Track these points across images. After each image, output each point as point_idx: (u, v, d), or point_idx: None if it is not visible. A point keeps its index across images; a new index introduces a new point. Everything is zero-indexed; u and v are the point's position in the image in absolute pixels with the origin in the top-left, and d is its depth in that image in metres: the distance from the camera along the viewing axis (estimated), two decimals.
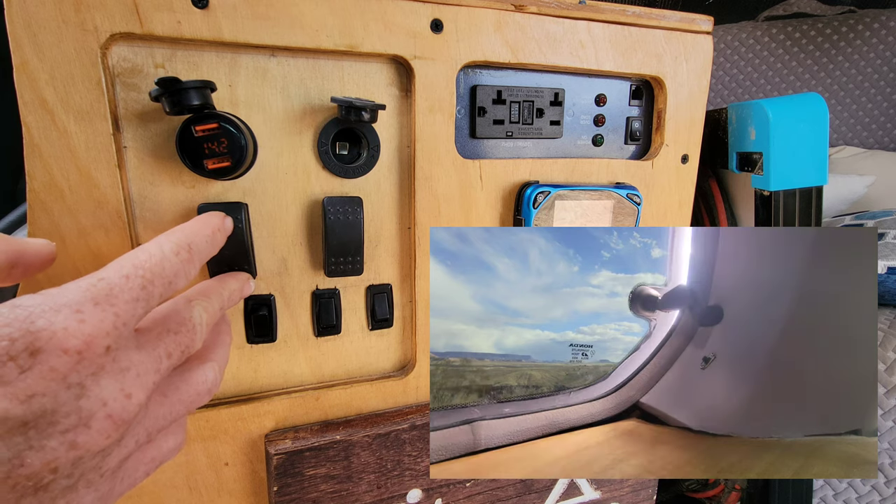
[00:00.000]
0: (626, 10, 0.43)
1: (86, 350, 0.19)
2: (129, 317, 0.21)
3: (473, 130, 0.42)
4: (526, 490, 0.49)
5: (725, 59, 1.78)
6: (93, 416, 0.20)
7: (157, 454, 0.26)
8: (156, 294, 0.23)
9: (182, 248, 0.25)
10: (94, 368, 0.20)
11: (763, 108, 0.46)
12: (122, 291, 0.21)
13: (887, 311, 0.82)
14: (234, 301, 0.32)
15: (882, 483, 0.75)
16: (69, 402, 0.19)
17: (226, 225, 0.31)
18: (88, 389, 0.20)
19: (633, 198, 0.45)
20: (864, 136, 1.71)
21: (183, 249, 0.25)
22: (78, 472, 0.20)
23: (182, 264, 0.25)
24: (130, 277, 0.22)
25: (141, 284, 0.22)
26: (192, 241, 0.26)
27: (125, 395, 0.21)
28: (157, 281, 0.23)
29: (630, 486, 0.53)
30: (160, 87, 0.30)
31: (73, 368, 0.19)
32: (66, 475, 0.20)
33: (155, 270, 0.23)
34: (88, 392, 0.19)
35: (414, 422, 0.42)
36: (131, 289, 0.22)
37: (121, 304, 0.21)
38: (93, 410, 0.20)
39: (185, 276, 0.25)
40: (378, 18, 0.36)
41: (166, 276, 0.24)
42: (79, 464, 0.20)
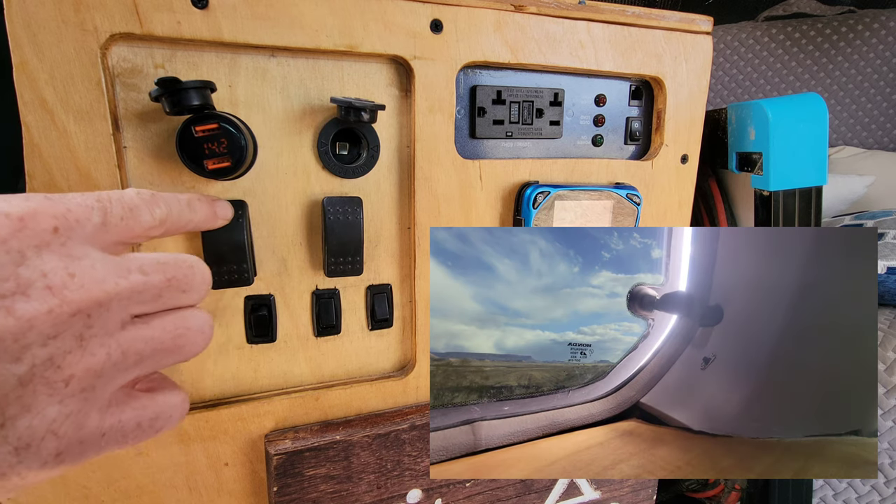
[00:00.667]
0: (626, 11, 0.43)
1: (29, 219, 0.19)
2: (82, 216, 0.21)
3: (473, 130, 0.42)
4: (526, 490, 0.49)
5: (725, 59, 1.78)
6: (31, 285, 0.19)
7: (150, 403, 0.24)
8: (114, 212, 0.23)
9: (144, 192, 0.26)
10: (38, 242, 0.20)
11: (763, 109, 0.46)
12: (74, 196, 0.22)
13: (887, 311, 0.82)
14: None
15: (882, 483, 0.75)
16: (6, 265, 0.19)
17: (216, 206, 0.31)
18: (29, 259, 0.19)
19: (633, 198, 0.45)
20: (864, 136, 1.71)
21: (145, 193, 0.26)
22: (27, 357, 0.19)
23: (143, 201, 0.25)
24: (85, 195, 0.23)
25: (96, 198, 0.23)
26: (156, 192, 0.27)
27: (68, 273, 0.20)
28: (115, 201, 0.23)
29: (630, 486, 0.53)
30: (160, 88, 0.30)
31: (14, 234, 0.19)
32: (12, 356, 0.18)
33: (112, 195, 0.24)
34: (28, 262, 0.19)
35: (414, 422, 0.42)
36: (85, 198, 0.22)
37: (73, 205, 0.21)
38: (32, 279, 0.19)
39: (148, 212, 0.25)
40: (378, 18, 0.36)
41: (125, 202, 0.24)
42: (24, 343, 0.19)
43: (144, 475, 0.37)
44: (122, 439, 0.23)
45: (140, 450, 0.37)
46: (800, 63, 1.72)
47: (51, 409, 0.20)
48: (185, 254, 0.26)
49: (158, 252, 0.26)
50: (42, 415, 0.19)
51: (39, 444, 0.19)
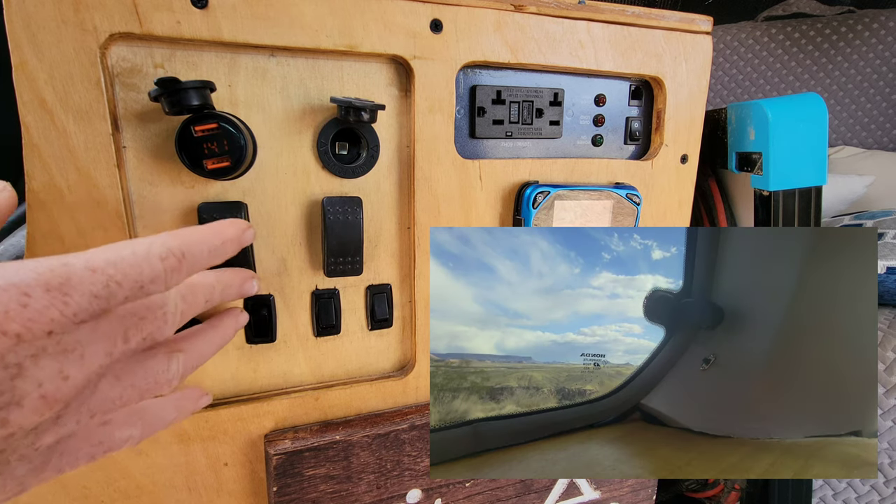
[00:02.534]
0: (626, 11, 0.43)
1: (25, 333, 0.19)
2: (80, 309, 0.20)
3: (473, 130, 0.42)
4: (526, 490, 0.49)
5: (725, 59, 1.78)
6: (26, 396, 0.19)
7: (105, 439, 0.25)
8: (120, 295, 0.22)
9: (173, 253, 0.24)
10: (34, 350, 0.19)
11: (762, 109, 0.46)
12: (80, 283, 0.20)
13: (887, 310, 0.82)
14: (228, 297, 0.31)
15: (881, 483, 0.75)
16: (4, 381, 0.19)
17: (244, 237, 0.29)
18: (25, 370, 0.19)
19: (633, 198, 0.45)
20: (864, 136, 1.71)
21: (173, 256, 0.24)
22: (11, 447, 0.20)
23: (165, 272, 0.23)
24: (97, 272, 0.21)
25: (105, 282, 0.21)
26: (189, 249, 0.25)
27: (62, 376, 0.20)
28: (126, 283, 0.22)
29: (630, 486, 0.53)
30: (159, 87, 0.30)
31: (11, 349, 0.19)
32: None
33: (128, 272, 0.22)
34: (25, 372, 0.19)
35: (413, 422, 0.42)
36: (92, 283, 0.21)
37: (74, 296, 0.20)
38: (27, 390, 0.19)
39: (163, 283, 0.24)
40: (378, 18, 0.36)
41: (140, 279, 0.22)
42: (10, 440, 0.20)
43: (144, 475, 0.37)
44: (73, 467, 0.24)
45: (140, 450, 0.37)
46: (799, 63, 1.72)
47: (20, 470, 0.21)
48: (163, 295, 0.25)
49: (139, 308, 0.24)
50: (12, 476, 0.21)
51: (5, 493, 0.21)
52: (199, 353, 0.29)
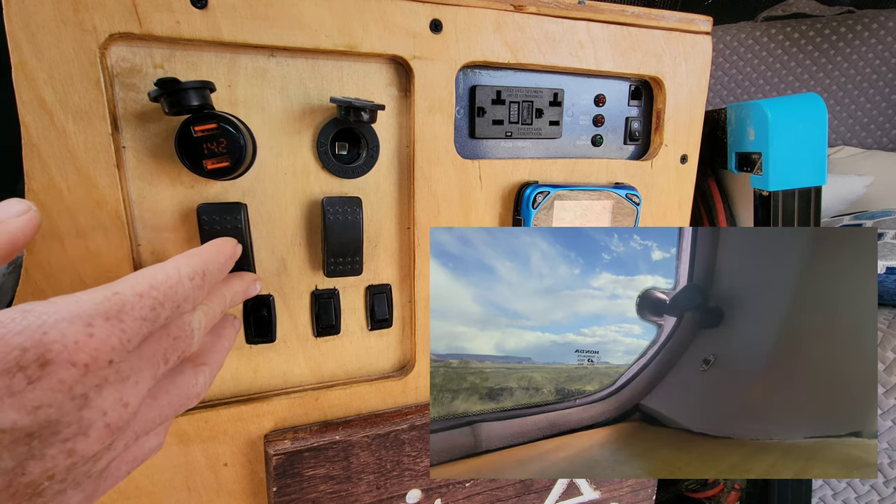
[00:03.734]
0: (626, 11, 0.43)
1: (92, 364, 0.20)
2: (134, 334, 0.22)
3: (473, 130, 0.42)
4: (525, 490, 0.49)
5: (724, 59, 1.78)
6: (92, 426, 0.20)
7: (139, 453, 0.26)
8: (163, 316, 0.23)
9: (198, 273, 0.26)
10: (98, 381, 0.20)
11: (762, 109, 0.46)
12: (132, 309, 0.22)
13: (886, 310, 0.82)
14: (237, 302, 0.33)
15: (881, 483, 0.75)
16: (72, 412, 0.19)
17: (236, 252, 0.32)
18: (91, 400, 0.20)
19: (633, 198, 0.45)
20: (863, 136, 1.71)
21: (198, 276, 0.26)
22: (71, 477, 0.20)
23: (194, 290, 0.25)
24: (144, 296, 0.22)
25: (152, 305, 0.23)
26: (207, 267, 0.27)
27: (123, 404, 0.21)
28: (168, 304, 0.24)
29: (629, 486, 0.53)
30: (159, 88, 0.30)
31: (79, 381, 0.19)
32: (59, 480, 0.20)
33: (168, 293, 0.24)
34: (91, 403, 0.20)
35: (413, 422, 0.42)
36: (142, 307, 0.22)
37: (129, 322, 0.21)
38: (93, 420, 0.20)
39: (193, 302, 0.25)
40: (377, 18, 0.35)
41: (177, 299, 0.24)
42: (73, 469, 0.20)
43: (143, 476, 0.37)
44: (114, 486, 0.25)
45: None
46: (799, 63, 1.72)
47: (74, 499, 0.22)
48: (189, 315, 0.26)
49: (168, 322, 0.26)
50: None
51: None
52: (216, 363, 0.30)
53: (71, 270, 0.32)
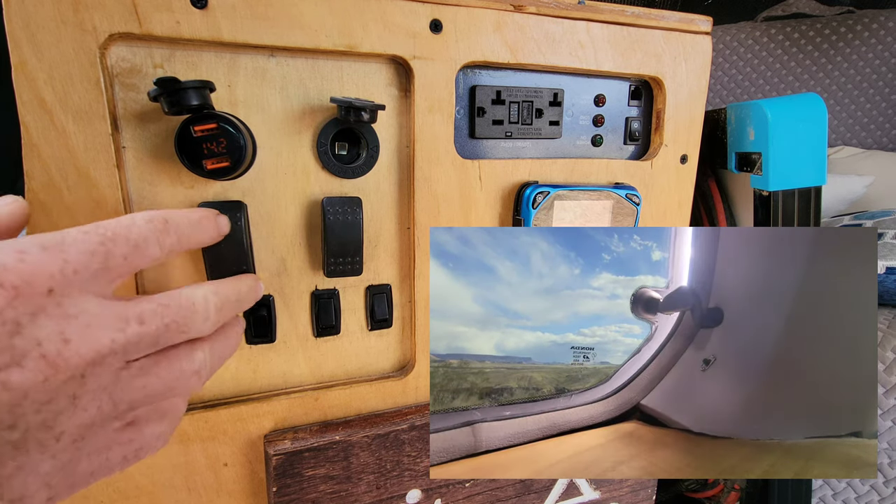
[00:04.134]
0: (626, 11, 0.43)
1: (23, 287, 0.19)
2: (80, 266, 0.21)
3: (473, 131, 0.42)
4: (525, 490, 0.49)
5: (724, 59, 1.78)
6: (26, 355, 0.19)
7: (136, 437, 0.24)
8: (117, 252, 0.22)
9: (156, 218, 0.25)
10: (33, 308, 0.19)
11: (762, 109, 0.46)
12: (75, 242, 0.21)
13: (886, 311, 0.82)
14: (250, 300, 0.32)
15: (881, 483, 0.75)
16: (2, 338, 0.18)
17: (219, 221, 0.31)
18: (23, 328, 0.19)
19: (633, 198, 0.45)
20: (863, 136, 1.72)
21: (157, 220, 0.25)
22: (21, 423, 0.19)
23: (153, 231, 0.24)
24: (89, 233, 0.22)
25: (99, 240, 0.22)
26: (168, 216, 0.26)
27: (63, 339, 0.20)
28: (120, 240, 0.22)
29: (629, 486, 0.53)
30: (159, 88, 0.30)
31: (9, 304, 0.19)
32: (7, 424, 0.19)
33: (118, 231, 0.23)
34: (24, 330, 0.19)
35: (413, 422, 0.42)
36: (87, 241, 0.21)
37: (72, 253, 0.21)
38: (26, 349, 0.19)
39: (156, 242, 0.24)
40: (377, 18, 0.35)
41: (131, 237, 0.23)
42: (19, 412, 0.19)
43: (143, 476, 0.37)
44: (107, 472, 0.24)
45: None
46: (799, 63, 1.72)
47: (44, 465, 0.20)
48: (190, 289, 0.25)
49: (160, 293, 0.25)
50: (36, 471, 0.20)
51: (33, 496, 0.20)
52: (221, 349, 0.29)
53: None
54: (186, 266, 0.36)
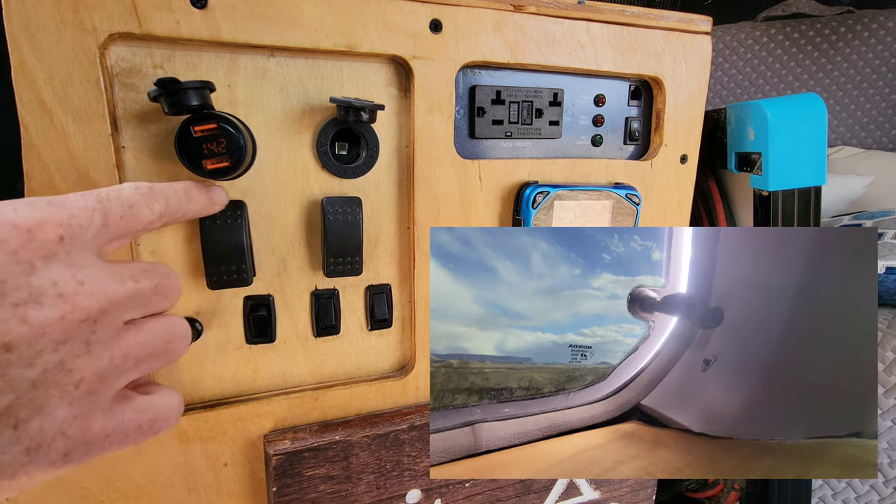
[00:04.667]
0: (625, 11, 0.43)
1: (36, 230, 0.20)
2: (84, 221, 0.22)
3: (472, 130, 0.42)
4: (525, 490, 0.49)
5: (724, 59, 1.78)
6: (43, 293, 0.20)
7: (149, 406, 0.25)
8: (114, 212, 0.23)
9: (141, 186, 0.26)
10: (46, 252, 0.20)
11: (762, 109, 0.46)
12: (76, 199, 0.22)
13: (886, 310, 0.82)
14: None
15: (881, 483, 0.75)
16: (18, 275, 0.19)
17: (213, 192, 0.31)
18: (38, 269, 0.20)
19: (632, 198, 0.45)
20: (863, 136, 1.72)
21: (143, 187, 0.26)
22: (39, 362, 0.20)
23: (141, 197, 0.25)
24: (86, 195, 0.23)
25: (96, 198, 0.23)
26: (153, 185, 0.27)
27: (77, 280, 0.21)
28: (114, 201, 0.24)
29: (629, 486, 0.53)
30: (159, 88, 0.30)
31: (23, 245, 0.19)
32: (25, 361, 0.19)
33: (111, 193, 0.24)
34: (38, 272, 0.20)
35: (413, 422, 0.42)
36: (86, 199, 0.23)
37: (75, 209, 0.22)
38: (43, 287, 0.20)
39: (147, 207, 0.25)
40: (377, 18, 0.35)
41: (123, 200, 0.24)
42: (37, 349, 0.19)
43: (143, 475, 0.37)
44: (123, 440, 0.24)
45: (139, 450, 0.37)
46: (799, 63, 1.72)
47: (61, 412, 0.21)
48: (158, 262, 0.27)
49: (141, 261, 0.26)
50: (53, 416, 0.20)
51: (50, 444, 0.20)
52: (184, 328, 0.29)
53: None
54: (187, 266, 0.36)
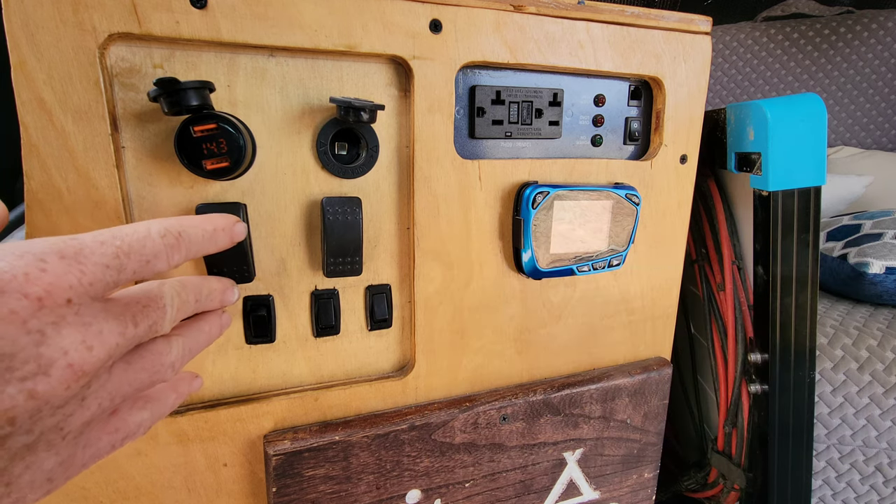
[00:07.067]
0: (625, 11, 0.43)
1: (46, 297, 0.19)
2: (95, 278, 0.21)
3: (472, 131, 0.42)
4: (525, 490, 0.49)
5: (724, 59, 1.78)
6: (53, 364, 0.19)
7: (121, 425, 0.25)
8: (129, 267, 0.23)
9: (171, 232, 0.25)
10: (55, 318, 0.19)
11: (761, 109, 0.46)
12: (92, 253, 0.21)
13: (885, 310, 0.82)
14: (212, 301, 0.31)
15: (881, 483, 0.75)
16: (28, 347, 0.19)
17: (235, 229, 0.30)
18: (49, 337, 0.19)
19: (632, 198, 0.45)
20: (862, 136, 1.72)
21: (171, 234, 0.25)
22: (38, 428, 0.20)
23: (165, 247, 0.24)
24: (105, 244, 0.22)
25: (114, 253, 0.22)
26: (184, 229, 0.26)
27: (86, 346, 0.20)
28: (133, 255, 0.23)
29: (629, 486, 0.53)
30: (159, 88, 0.30)
31: (34, 314, 0.19)
32: (25, 430, 0.19)
33: (133, 245, 0.23)
34: (49, 340, 0.19)
35: (413, 422, 0.42)
36: (103, 254, 0.22)
37: (88, 265, 0.21)
38: (53, 358, 0.19)
39: (165, 259, 0.25)
40: (377, 18, 0.35)
41: (145, 253, 0.23)
42: (38, 417, 0.19)
43: (143, 476, 0.37)
44: (96, 460, 0.24)
45: (139, 451, 0.37)
46: (798, 63, 1.72)
47: (49, 462, 0.21)
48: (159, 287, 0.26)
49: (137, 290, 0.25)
50: (41, 468, 0.21)
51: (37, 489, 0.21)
52: (193, 341, 0.29)
53: None
54: (187, 266, 0.36)
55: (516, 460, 0.48)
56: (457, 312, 0.44)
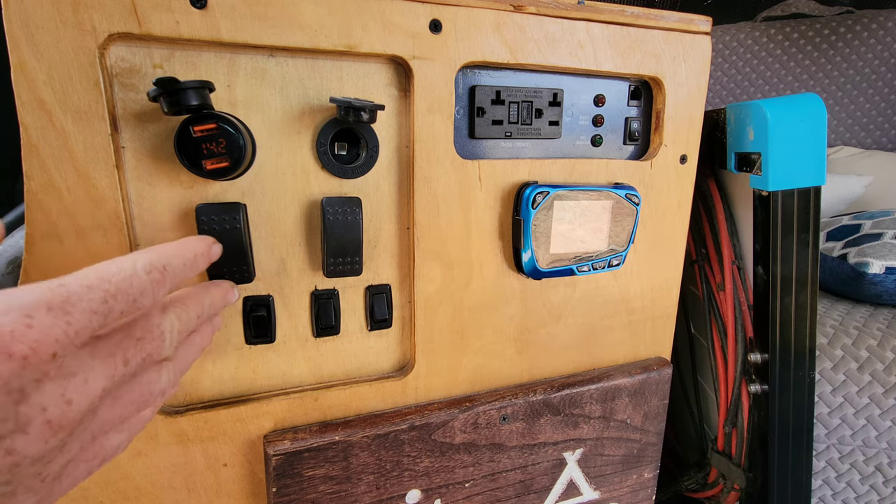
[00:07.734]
0: (625, 11, 0.43)
1: (32, 356, 0.19)
2: (82, 326, 0.21)
3: (472, 131, 0.42)
4: (525, 490, 0.49)
5: (724, 59, 1.78)
6: (31, 422, 0.19)
7: (99, 451, 0.25)
8: (116, 309, 0.22)
9: (156, 268, 0.25)
10: (38, 375, 0.19)
11: (761, 109, 0.46)
12: (79, 301, 0.21)
13: (885, 310, 0.82)
14: (216, 310, 0.32)
15: (881, 483, 0.75)
16: (7, 407, 0.18)
17: (212, 251, 0.30)
18: (29, 396, 0.19)
19: (632, 198, 0.45)
20: (862, 136, 1.72)
21: (156, 269, 0.25)
22: (16, 479, 0.19)
23: (152, 284, 0.24)
24: (92, 288, 0.21)
25: (102, 297, 0.21)
26: (168, 262, 0.26)
27: (65, 401, 0.20)
28: (121, 297, 0.22)
29: (629, 486, 0.53)
30: (158, 88, 0.30)
31: (16, 374, 0.18)
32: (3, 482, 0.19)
33: (121, 286, 0.22)
34: (29, 399, 0.19)
35: (413, 422, 0.42)
36: (91, 300, 0.21)
37: (76, 314, 0.20)
38: (31, 416, 0.19)
39: (151, 296, 0.24)
40: (377, 18, 0.35)
41: (132, 293, 0.23)
42: (16, 470, 0.19)
43: (143, 476, 0.37)
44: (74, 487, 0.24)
45: (138, 451, 0.37)
46: (798, 63, 1.72)
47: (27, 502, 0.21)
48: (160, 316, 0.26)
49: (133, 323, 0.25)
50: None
51: None
52: (185, 358, 0.29)
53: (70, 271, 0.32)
54: None
55: (516, 460, 0.48)
56: (457, 312, 0.44)
